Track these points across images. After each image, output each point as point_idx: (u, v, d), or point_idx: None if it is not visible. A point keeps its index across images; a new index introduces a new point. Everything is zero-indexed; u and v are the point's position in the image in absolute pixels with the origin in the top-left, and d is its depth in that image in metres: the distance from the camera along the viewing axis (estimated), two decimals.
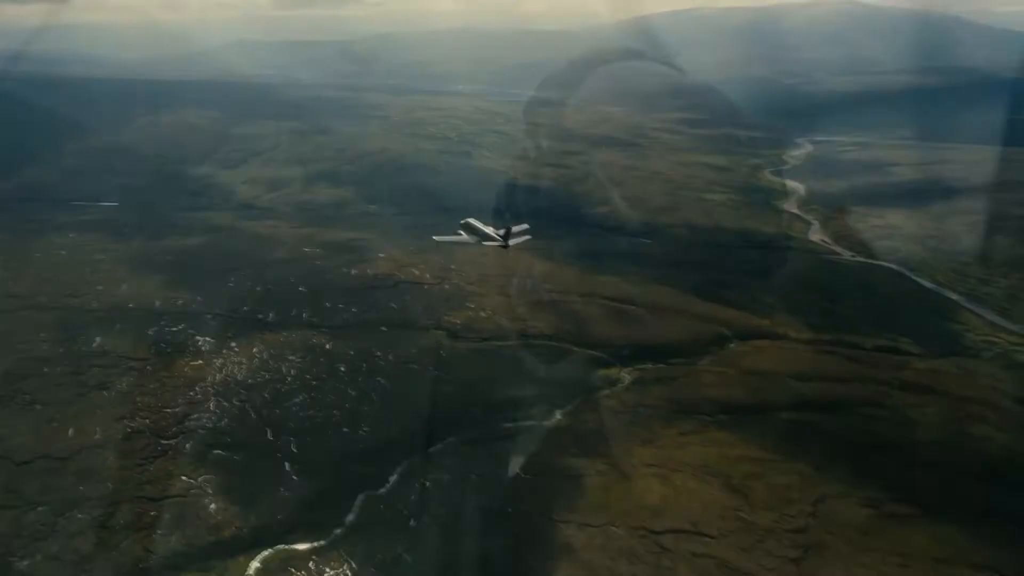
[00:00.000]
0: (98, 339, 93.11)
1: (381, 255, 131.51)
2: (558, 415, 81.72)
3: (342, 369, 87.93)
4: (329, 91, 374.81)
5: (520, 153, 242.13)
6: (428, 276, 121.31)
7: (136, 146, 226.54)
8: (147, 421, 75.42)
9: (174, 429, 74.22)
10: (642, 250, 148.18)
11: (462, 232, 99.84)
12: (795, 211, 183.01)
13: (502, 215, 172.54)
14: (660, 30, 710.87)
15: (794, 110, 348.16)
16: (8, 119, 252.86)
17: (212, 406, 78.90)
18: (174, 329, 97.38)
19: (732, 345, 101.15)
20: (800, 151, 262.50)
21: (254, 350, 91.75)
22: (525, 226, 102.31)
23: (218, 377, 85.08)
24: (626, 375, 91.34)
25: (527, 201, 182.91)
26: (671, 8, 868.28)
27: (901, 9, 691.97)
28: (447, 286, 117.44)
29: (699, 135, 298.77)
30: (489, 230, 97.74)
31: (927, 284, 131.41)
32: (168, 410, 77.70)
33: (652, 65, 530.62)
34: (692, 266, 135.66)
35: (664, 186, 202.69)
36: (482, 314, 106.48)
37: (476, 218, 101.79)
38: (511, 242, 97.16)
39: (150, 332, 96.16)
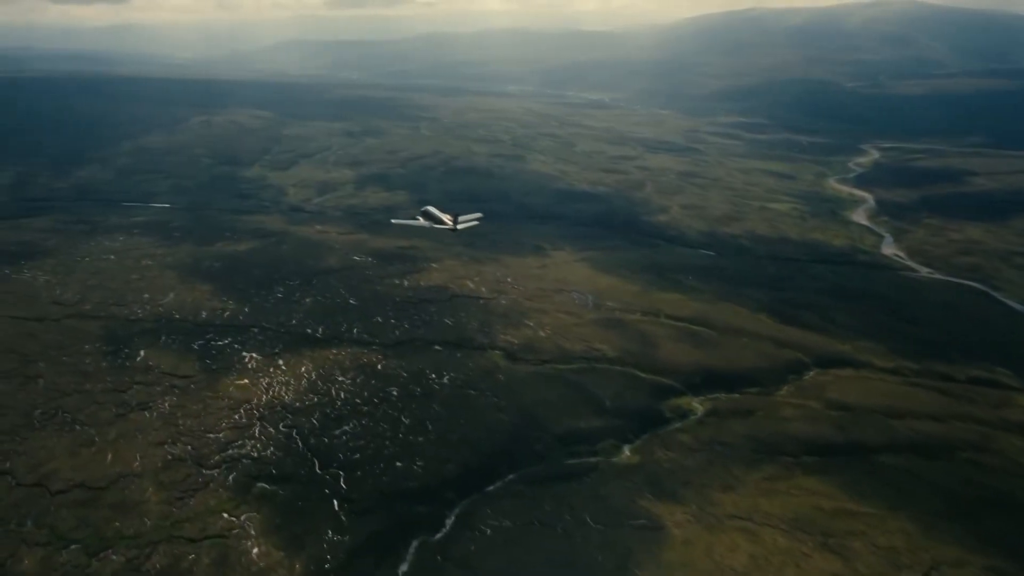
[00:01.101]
0: (142, 353, 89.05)
1: (434, 265, 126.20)
2: (627, 451, 74.70)
3: (394, 393, 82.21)
4: (379, 91, 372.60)
5: (574, 157, 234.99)
6: (484, 290, 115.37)
7: (188, 146, 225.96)
8: (188, 447, 70.56)
9: (216, 458, 69.17)
10: (706, 263, 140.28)
11: (419, 217, 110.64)
12: (865, 222, 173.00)
13: (556, 222, 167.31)
14: (714, 31, 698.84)
15: (857, 115, 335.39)
16: (67, 118, 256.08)
17: (257, 431, 73.78)
18: (220, 343, 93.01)
19: (811, 373, 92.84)
20: (866, 158, 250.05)
21: (302, 369, 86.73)
22: (478, 215, 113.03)
23: (264, 399, 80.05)
24: (698, 405, 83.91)
25: (583, 208, 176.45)
26: (725, 9, 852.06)
27: (966, 10, 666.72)
28: (504, 301, 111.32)
29: (758, 140, 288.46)
30: (445, 216, 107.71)
31: (1017, 307, 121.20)
32: (211, 435, 72.81)
33: (706, 67, 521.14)
34: (760, 282, 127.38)
35: (724, 194, 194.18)
36: (541, 333, 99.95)
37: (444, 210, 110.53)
38: (460, 227, 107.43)
39: (195, 346, 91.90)
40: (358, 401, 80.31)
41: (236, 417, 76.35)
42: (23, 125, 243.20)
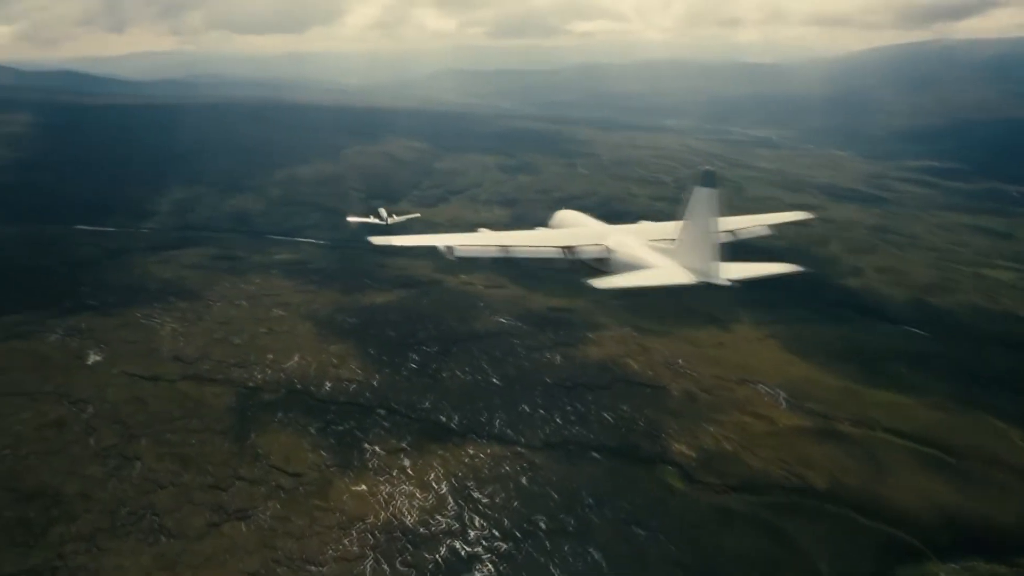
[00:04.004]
0: (252, 436, 76.76)
1: (591, 336, 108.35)
2: None
3: (542, 526, 64.68)
4: (534, 123, 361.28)
5: (745, 204, 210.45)
6: (651, 373, 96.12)
7: (341, 177, 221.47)
8: None
9: None
10: (920, 347, 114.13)
11: (371, 217, 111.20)
12: None
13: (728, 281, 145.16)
14: (893, 64, 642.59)
15: None
16: (231, 144, 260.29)
17: (368, 570, 58.37)
18: (340, 428, 79.35)
19: None
20: None
21: (431, 476, 71.10)
22: (416, 215, 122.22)
23: (382, 517, 64.88)
24: None
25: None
26: (902, 40, 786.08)
27: None
28: (675, 391, 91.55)
29: (957, 189, 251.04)
30: (383, 214, 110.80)
31: None
32: (312, 568, 58.15)
33: (885, 103, 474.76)
34: (999, 380, 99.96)
35: (926, 255, 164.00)
36: (725, 444, 79.54)
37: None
38: (391, 221, 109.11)
39: (312, 429, 78.72)
40: (496, 534, 63.44)
41: (346, 542, 61.47)
42: (190, 151, 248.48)
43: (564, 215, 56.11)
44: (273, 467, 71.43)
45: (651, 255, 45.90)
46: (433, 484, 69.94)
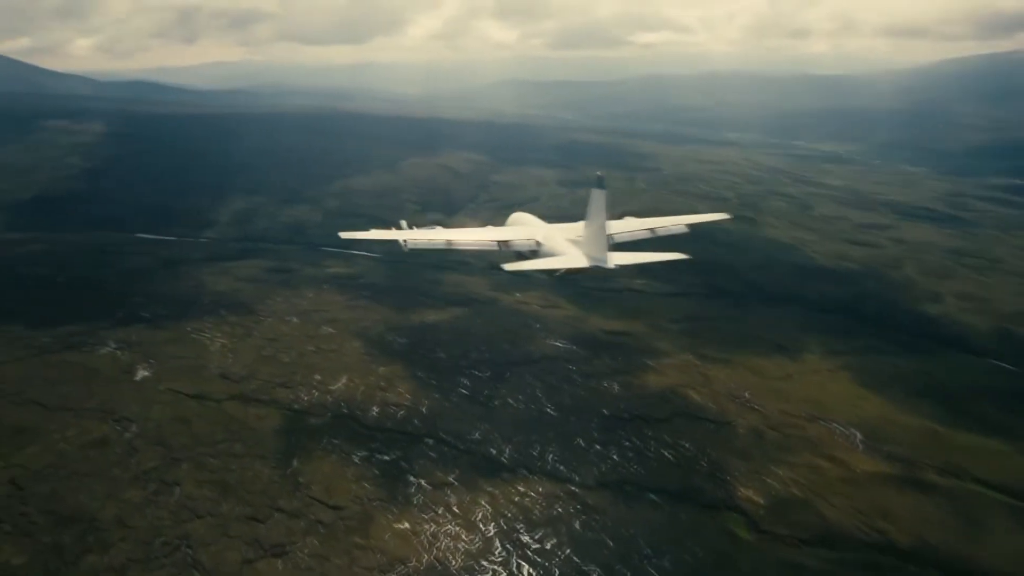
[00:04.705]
0: (295, 463, 73.77)
1: (650, 362, 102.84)
2: None
3: None
4: (595, 136, 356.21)
5: (813, 223, 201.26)
6: (713, 406, 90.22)
7: (397, 190, 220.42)
8: None
9: None
10: (1011, 385, 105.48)
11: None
12: None
13: (795, 306, 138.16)
14: (971, 77, 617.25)
15: None
16: (291, 154, 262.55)
17: None
18: (385, 457, 75.81)
19: None
20: None
21: (478, 515, 66.86)
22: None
23: (424, 560, 60.85)
24: None
25: (828, 290, 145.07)
26: (981, 51, 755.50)
27: None
28: (741, 428, 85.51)
29: None
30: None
31: None
32: None
33: (963, 117, 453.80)
34: None
35: (1012, 281, 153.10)
36: (796, 489, 73.33)
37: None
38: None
39: (356, 458, 75.37)
40: None
41: None
42: (251, 160, 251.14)
43: (516, 216, 66.14)
44: (313, 499, 68.15)
45: (567, 246, 55.28)
46: (480, 525, 65.68)
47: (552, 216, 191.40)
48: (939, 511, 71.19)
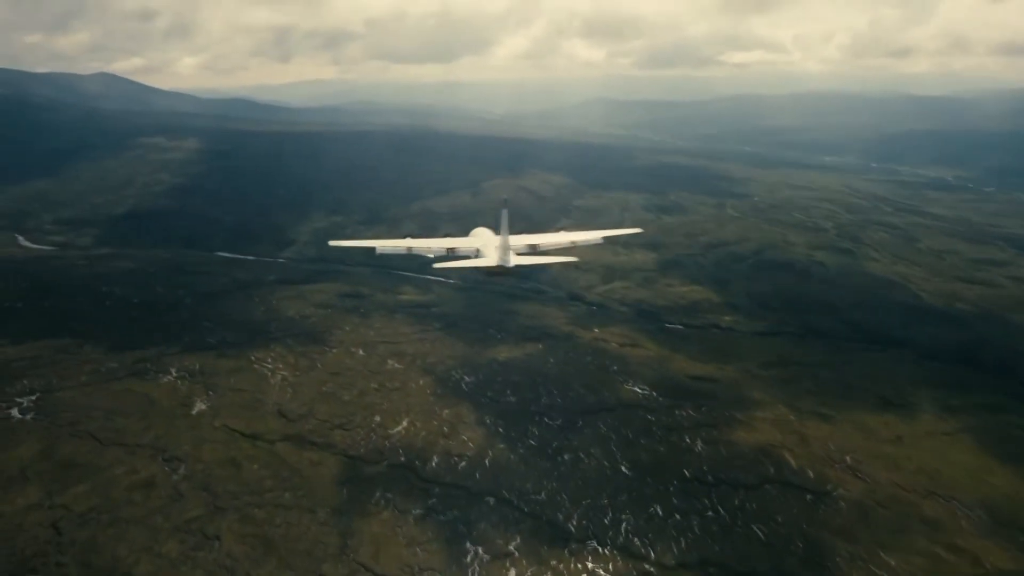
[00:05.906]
0: (343, 518, 67.84)
1: (739, 416, 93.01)
2: None
3: None
4: (682, 158, 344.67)
5: (919, 257, 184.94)
6: (811, 472, 79.86)
7: (475, 213, 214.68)
8: None
9: None
10: None
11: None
12: None
13: (902, 351, 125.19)
14: None
15: None
16: (373, 174, 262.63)
17: None
18: (442, 517, 69.09)
19: None
20: None
21: None
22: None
23: None
24: None
25: (938, 334, 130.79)
26: None
27: None
28: (843, 501, 74.93)
29: None
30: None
31: None
32: None
33: None
34: None
35: None
36: None
37: None
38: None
39: (411, 517, 68.93)
40: None
41: None
42: (335, 179, 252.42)
43: (476, 230, 72.50)
44: (360, 564, 61.99)
45: (491, 252, 64.35)
46: None
47: (637, 242, 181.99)
48: None
